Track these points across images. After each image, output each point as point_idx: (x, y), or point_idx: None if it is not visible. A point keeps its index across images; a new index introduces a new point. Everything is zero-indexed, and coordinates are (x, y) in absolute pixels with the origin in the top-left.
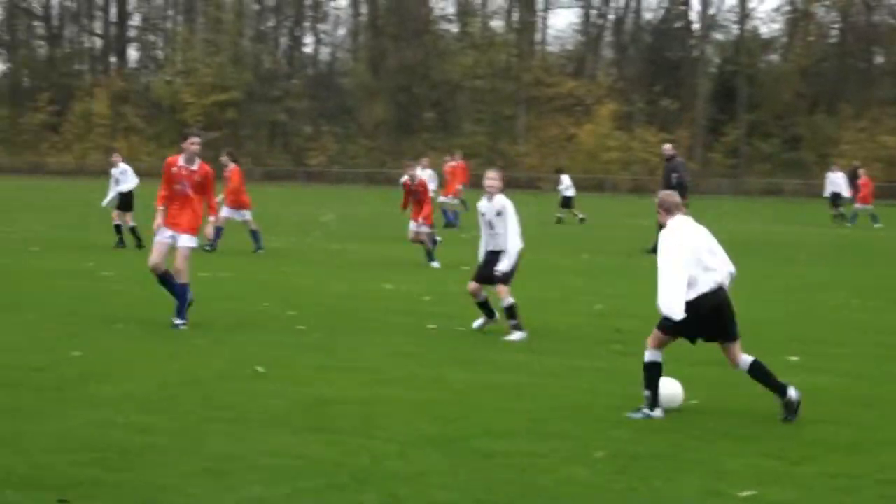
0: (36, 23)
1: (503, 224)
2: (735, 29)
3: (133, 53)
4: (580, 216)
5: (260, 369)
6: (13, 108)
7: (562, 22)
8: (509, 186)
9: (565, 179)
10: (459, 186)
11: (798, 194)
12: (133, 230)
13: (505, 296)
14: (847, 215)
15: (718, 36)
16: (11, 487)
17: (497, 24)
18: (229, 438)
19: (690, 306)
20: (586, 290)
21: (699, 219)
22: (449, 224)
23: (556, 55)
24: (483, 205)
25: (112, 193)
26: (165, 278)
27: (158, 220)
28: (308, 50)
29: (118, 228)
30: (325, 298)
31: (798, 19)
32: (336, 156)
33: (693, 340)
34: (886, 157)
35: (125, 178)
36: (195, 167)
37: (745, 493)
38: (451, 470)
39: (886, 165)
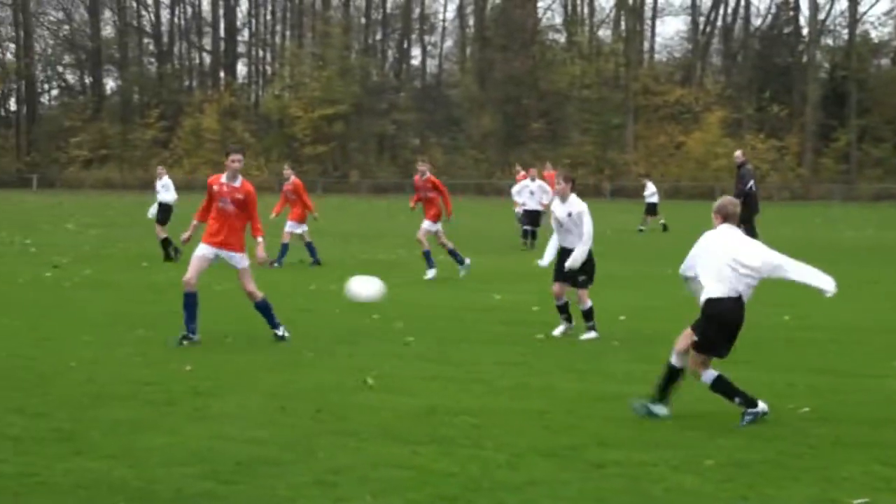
0: (146, 40)
1: (573, 225)
2: (845, 34)
3: (242, 69)
4: (642, 226)
5: (369, 381)
6: (124, 124)
7: (670, 30)
8: (617, 195)
9: (650, 186)
10: None
11: None
12: (166, 241)
13: (584, 299)
14: None
15: (828, 41)
16: (124, 500)
17: (604, 33)
18: (340, 450)
19: (706, 314)
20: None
21: (806, 224)
22: None
23: (663, 63)
24: (555, 205)
25: (155, 205)
26: (192, 298)
27: (189, 232)
28: (415, 62)
29: (165, 242)
30: (433, 309)
31: None
32: (444, 167)
33: (721, 354)
34: None
35: (166, 191)
36: (237, 184)
37: (857, 501)
38: (561, 480)
39: None
